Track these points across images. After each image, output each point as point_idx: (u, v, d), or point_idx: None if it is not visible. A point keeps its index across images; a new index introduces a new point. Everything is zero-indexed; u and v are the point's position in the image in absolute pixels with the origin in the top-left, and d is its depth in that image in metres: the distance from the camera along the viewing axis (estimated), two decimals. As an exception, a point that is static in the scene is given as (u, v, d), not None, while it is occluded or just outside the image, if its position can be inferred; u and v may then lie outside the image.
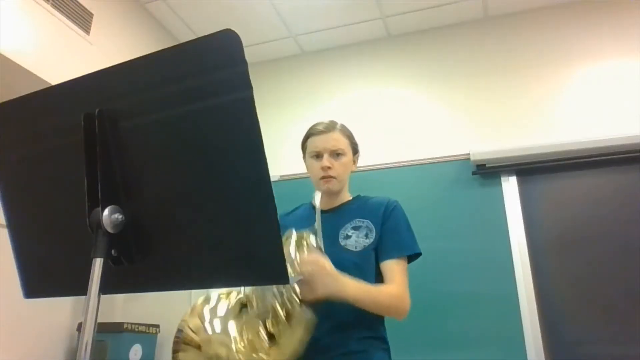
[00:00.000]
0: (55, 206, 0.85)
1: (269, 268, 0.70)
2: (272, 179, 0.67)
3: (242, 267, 0.72)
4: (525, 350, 2.31)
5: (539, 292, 2.42)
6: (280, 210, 0.68)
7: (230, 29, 0.66)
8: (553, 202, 2.59)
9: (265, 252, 0.69)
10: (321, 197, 1.46)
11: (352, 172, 1.52)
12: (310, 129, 1.49)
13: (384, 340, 1.32)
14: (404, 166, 2.88)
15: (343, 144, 1.45)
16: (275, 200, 0.67)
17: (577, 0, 2.94)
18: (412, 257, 1.37)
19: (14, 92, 0.87)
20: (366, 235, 1.37)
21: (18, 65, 2.09)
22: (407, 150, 2.93)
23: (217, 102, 0.69)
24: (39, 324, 2.24)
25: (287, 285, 1.09)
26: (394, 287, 1.29)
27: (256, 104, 0.66)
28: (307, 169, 1.50)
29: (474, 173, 2.72)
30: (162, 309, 2.82)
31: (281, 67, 3.51)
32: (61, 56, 2.34)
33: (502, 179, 2.69)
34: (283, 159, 3.18)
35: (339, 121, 1.51)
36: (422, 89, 3.11)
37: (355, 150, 1.51)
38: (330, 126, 1.46)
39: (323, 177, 1.42)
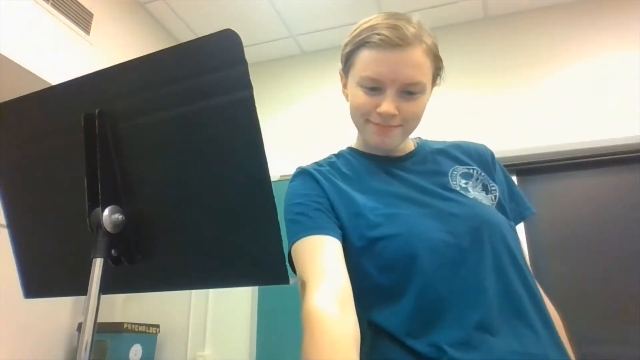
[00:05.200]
0: (55, 206, 0.85)
1: (269, 268, 0.70)
2: (272, 179, 0.67)
3: (242, 267, 0.72)
4: (525, 350, 2.31)
5: (539, 292, 2.42)
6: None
7: (230, 29, 0.66)
8: (553, 202, 2.59)
9: (265, 252, 0.69)
10: (363, 141, 0.99)
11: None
12: (365, 30, 0.88)
13: None
14: (404, 166, 2.88)
15: (424, 72, 0.86)
16: (275, 200, 0.67)
17: (577, 0, 2.94)
18: None
19: (14, 92, 0.87)
20: (484, 189, 0.91)
21: (18, 65, 2.08)
22: (407, 150, 2.93)
23: (217, 102, 0.69)
24: (39, 324, 2.24)
25: None
26: (548, 304, 0.90)
27: (256, 104, 0.66)
28: (350, 99, 0.94)
29: (474, 173, 2.72)
30: (162, 309, 2.82)
31: (281, 67, 3.51)
32: (61, 56, 2.34)
33: (502, 179, 2.68)
34: (283, 159, 3.18)
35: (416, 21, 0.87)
36: (422, 89, 3.10)
37: (436, 77, 0.92)
38: (406, 36, 0.83)
39: (377, 125, 0.88)
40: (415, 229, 0.81)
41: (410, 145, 1.01)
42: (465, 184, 0.91)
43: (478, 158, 0.97)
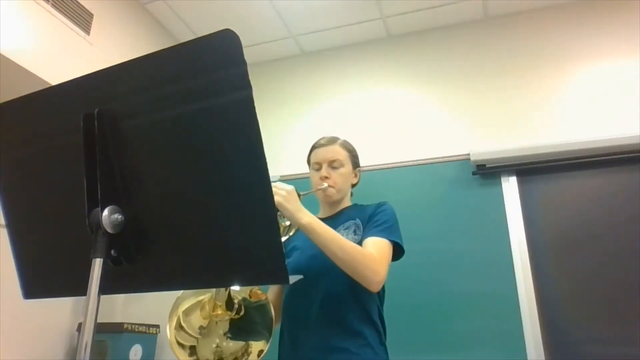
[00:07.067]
0: (55, 206, 0.85)
1: (268, 268, 0.70)
2: (272, 179, 0.67)
3: (242, 267, 0.72)
4: (525, 350, 2.31)
5: (539, 292, 2.42)
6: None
7: (229, 29, 0.66)
8: (553, 202, 2.59)
9: (265, 252, 0.69)
10: (323, 207, 1.55)
11: (353, 185, 1.57)
12: (314, 143, 1.56)
13: None
14: (404, 166, 2.88)
15: (342, 155, 1.51)
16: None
17: (577, 0, 2.94)
18: (395, 254, 1.36)
19: (14, 92, 0.87)
20: (354, 232, 1.40)
21: (18, 65, 2.08)
22: (407, 150, 2.93)
23: (217, 102, 0.69)
24: (39, 324, 2.24)
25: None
26: (367, 250, 1.28)
27: (256, 104, 0.66)
28: (310, 180, 1.55)
29: (474, 173, 2.72)
30: (162, 309, 2.81)
31: (281, 67, 3.51)
32: (61, 56, 2.34)
33: (502, 179, 2.68)
34: (283, 159, 3.18)
35: (342, 137, 1.58)
36: (422, 89, 3.10)
37: (355, 165, 1.56)
38: (332, 140, 1.54)
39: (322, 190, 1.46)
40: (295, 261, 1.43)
41: (346, 205, 1.54)
42: (343, 232, 1.39)
43: (366, 211, 1.45)
